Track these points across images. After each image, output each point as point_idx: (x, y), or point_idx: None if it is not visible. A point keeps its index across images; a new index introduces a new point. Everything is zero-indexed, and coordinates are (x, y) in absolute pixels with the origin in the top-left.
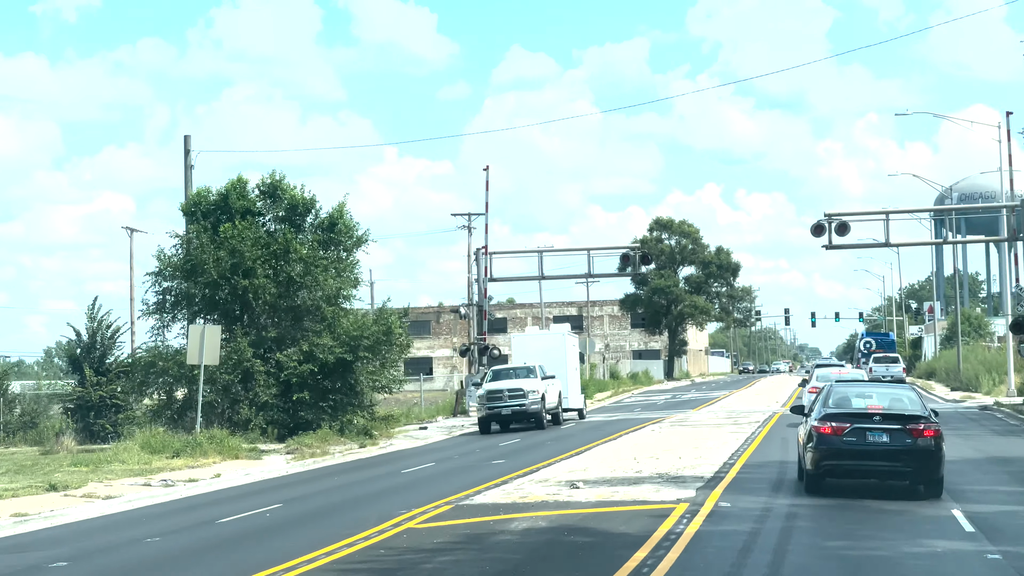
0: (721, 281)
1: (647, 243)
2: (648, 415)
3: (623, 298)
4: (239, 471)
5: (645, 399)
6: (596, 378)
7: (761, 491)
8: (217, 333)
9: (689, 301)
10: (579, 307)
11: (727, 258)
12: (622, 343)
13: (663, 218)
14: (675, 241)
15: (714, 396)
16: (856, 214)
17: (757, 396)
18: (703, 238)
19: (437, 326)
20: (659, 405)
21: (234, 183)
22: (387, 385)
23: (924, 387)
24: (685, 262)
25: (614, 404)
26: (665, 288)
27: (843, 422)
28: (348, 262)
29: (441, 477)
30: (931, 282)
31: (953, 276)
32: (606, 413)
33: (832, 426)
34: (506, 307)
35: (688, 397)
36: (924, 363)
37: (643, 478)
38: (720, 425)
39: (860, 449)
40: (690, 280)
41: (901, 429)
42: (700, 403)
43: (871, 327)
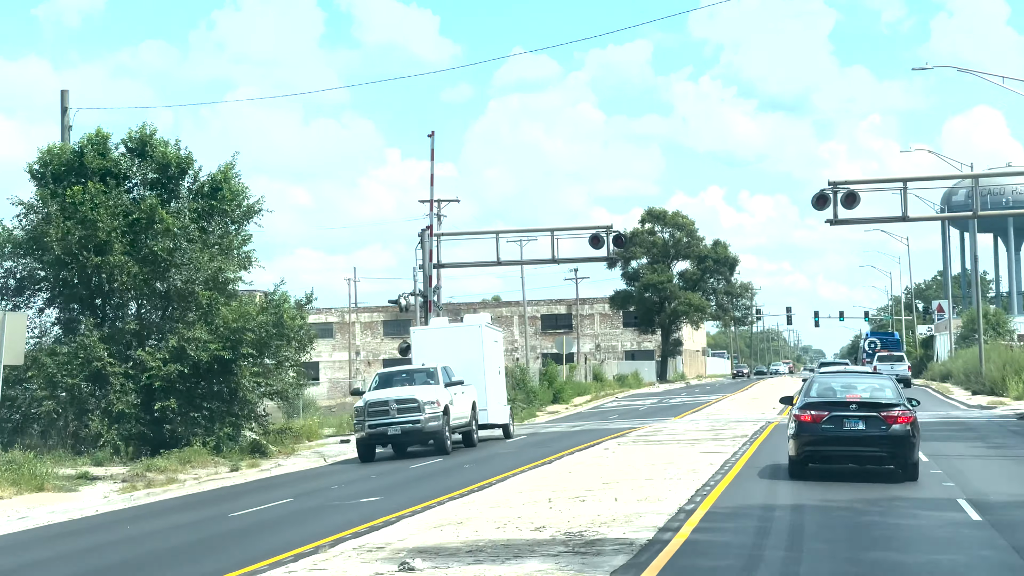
0: (718, 277)
1: (638, 235)
2: (619, 425)
3: (613, 295)
4: (31, 509)
5: (628, 404)
6: (576, 380)
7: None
8: (21, 322)
9: (683, 298)
10: (568, 305)
11: (724, 252)
12: (614, 343)
13: (655, 209)
14: (668, 234)
15: (704, 401)
16: (867, 182)
17: (752, 401)
18: (698, 230)
19: None
20: (640, 411)
21: (91, 137)
22: (283, 391)
23: (940, 390)
24: (679, 256)
25: (592, 410)
26: (657, 284)
27: (822, 410)
28: (235, 236)
29: (264, 529)
30: (938, 282)
31: (961, 275)
32: (572, 422)
33: (812, 414)
34: (491, 305)
35: (675, 402)
36: (937, 364)
37: (537, 544)
38: (697, 441)
39: (838, 435)
40: (685, 276)
41: (876, 416)
42: (685, 409)
43: (876, 327)
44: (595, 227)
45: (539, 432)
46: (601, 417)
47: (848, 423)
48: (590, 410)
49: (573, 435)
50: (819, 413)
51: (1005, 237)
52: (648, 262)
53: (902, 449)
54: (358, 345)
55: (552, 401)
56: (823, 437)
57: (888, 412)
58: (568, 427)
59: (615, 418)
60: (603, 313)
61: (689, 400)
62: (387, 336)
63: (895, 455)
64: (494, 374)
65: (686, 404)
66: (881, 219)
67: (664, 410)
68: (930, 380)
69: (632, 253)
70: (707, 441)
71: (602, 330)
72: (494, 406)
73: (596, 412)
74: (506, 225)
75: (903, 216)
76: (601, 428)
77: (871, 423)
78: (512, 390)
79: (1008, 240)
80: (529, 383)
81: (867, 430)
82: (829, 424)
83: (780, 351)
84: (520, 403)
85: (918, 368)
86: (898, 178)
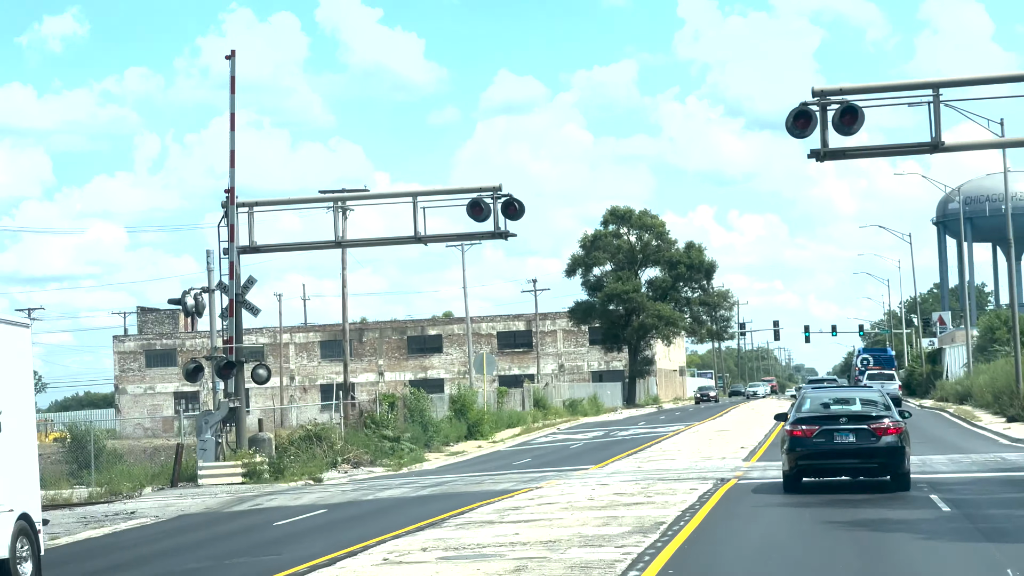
0: (692, 285)
1: (600, 238)
2: (504, 483)
3: (572, 307)
4: None
5: (564, 439)
6: (510, 408)
7: None
8: None
9: (652, 310)
10: (528, 321)
11: (699, 256)
12: (579, 363)
13: (619, 208)
14: (635, 236)
15: (658, 434)
16: (874, 90)
17: (716, 436)
18: (669, 232)
19: (360, 346)
20: (570, 451)
21: None
22: None
23: (963, 415)
24: (648, 262)
25: (513, 448)
26: (623, 294)
27: (812, 425)
28: None
29: None
30: (934, 295)
31: (959, 287)
32: (444, 476)
33: (803, 429)
34: (441, 322)
35: (624, 435)
36: (950, 382)
37: None
38: (583, 527)
39: (829, 449)
40: (654, 284)
41: (866, 429)
42: (626, 448)
43: (871, 343)
44: (475, 189)
45: (285, 511)
46: (503, 463)
47: (839, 436)
48: (511, 448)
49: (351, 522)
50: (810, 427)
51: (1005, 245)
52: (612, 269)
53: (893, 460)
54: (292, 369)
55: (466, 436)
56: (815, 451)
57: (878, 424)
58: (407, 491)
59: (523, 464)
60: (567, 329)
61: (642, 433)
62: (325, 359)
63: (886, 466)
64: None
65: (634, 439)
66: (894, 148)
67: (601, 448)
68: (942, 402)
69: (594, 258)
70: (609, 527)
71: (566, 348)
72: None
73: (513, 452)
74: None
75: (934, 143)
76: (461, 492)
77: (861, 435)
78: (402, 424)
79: (1008, 249)
80: (427, 412)
81: (858, 442)
82: (820, 438)
83: (771, 370)
84: (406, 443)
85: (925, 387)
86: (926, 83)
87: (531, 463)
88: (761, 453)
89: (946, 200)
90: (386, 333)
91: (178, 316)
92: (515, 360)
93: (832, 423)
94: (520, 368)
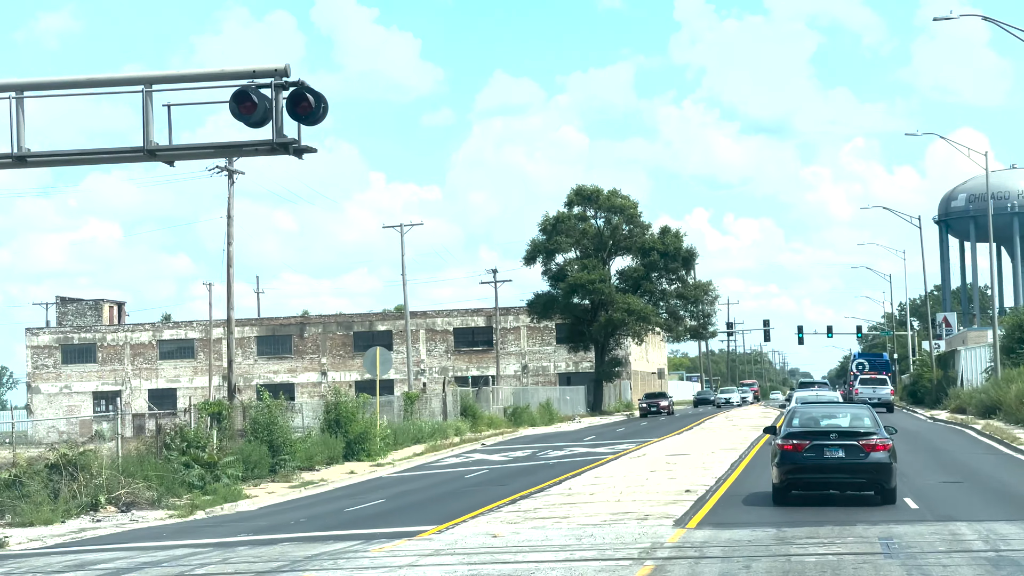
0: (669, 276)
1: (563, 221)
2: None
3: (531, 300)
4: None
5: (478, 459)
6: (427, 419)
7: None
8: None
9: (622, 303)
10: (488, 316)
11: (676, 243)
12: (544, 363)
13: (585, 187)
14: (603, 220)
15: (593, 459)
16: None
17: (664, 464)
18: (642, 215)
19: (301, 343)
20: (458, 483)
21: None
22: None
23: (996, 435)
24: (618, 249)
25: (401, 473)
26: (588, 285)
27: (803, 439)
28: None
29: None
30: (934, 297)
31: (961, 289)
32: (178, 542)
33: (794, 443)
34: (391, 316)
35: (552, 458)
36: (966, 391)
37: None
38: None
39: (819, 463)
40: (625, 274)
41: (855, 444)
42: (530, 484)
43: (868, 347)
44: (246, 73)
45: None
46: (342, 504)
47: (828, 451)
48: (397, 474)
49: None
50: (800, 442)
51: (1010, 246)
52: (577, 256)
53: (881, 476)
54: (225, 367)
55: (345, 456)
56: (804, 465)
57: (866, 440)
58: None
59: (363, 509)
60: (532, 326)
61: (577, 455)
62: (262, 355)
63: (874, 482)
64: None
65: (560, 465)
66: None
67: (501, 481)
68: (960, 414)
69: (556, 244)
70: None
71: (530, 347)
72: None
73: (396, 480)
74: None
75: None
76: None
77: (850, 451)
78: (234, 444)
79: (1014, 249)
80: (278, 425)
81: (847, 458)
82: (810, 453)
83: (764, 374)
84: (229, 470)
85: (935, 395)
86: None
87: (382, 507)
88: (713, 504)
89: (948, 198)
90: (330, 328)
91: (101, 307)
92: (474, 360)
93: (822, 438)
94: (479, 368)
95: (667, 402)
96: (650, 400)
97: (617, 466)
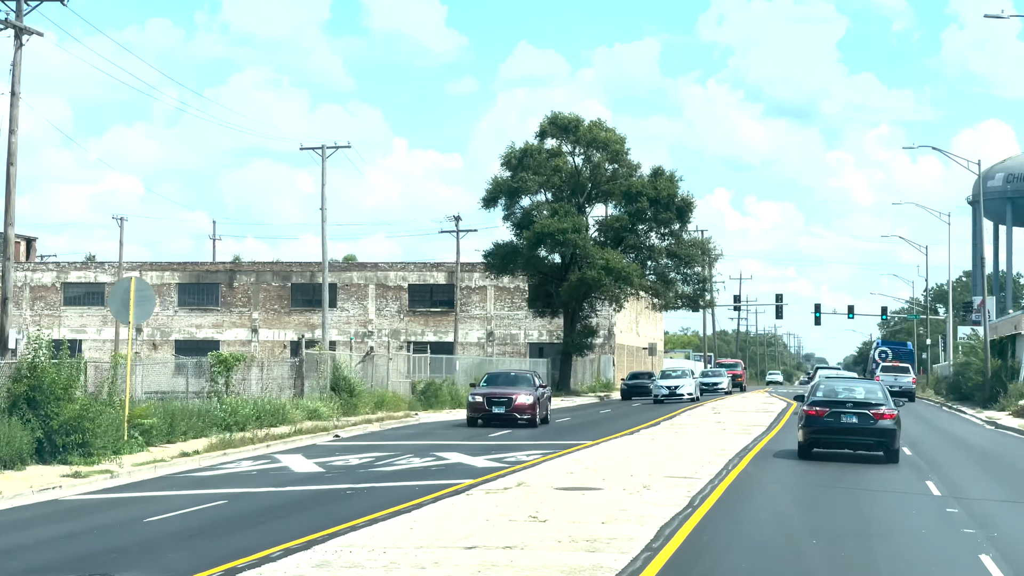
0: (659, 229)
1: (532, 155)
2: None
3: (489, 252)
4: None
5: (266, 470)
6: (268, 397)
7: None
8: None
9: (599, 258)
10: (449, 272)
11: (670, 189)
12: (514, 331)
13: (562, 116)
14: (582, 158)
15: (463, 479)
16: None
17: (560, 505)
18: (629, 152)
19: (229, 293)
20: (108, 543)
21: None
22: None
23: None
24: (599, 194)
25: (140, 487)
26: (559, 235)
27: (824, 407)
28: None
29: None
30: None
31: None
32: None
33: (817, 409)
34: (337, 268)
35: (389, 470)
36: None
37: None
38: None
39: (836, 427)
40: (605, 225)
41: (867, 413)
42: (288, 538)
43: (889, 334)
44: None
45: None
46: None
47: (845, 417)
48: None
49: None
50: (822, 409)
51: None
52: (548, 200)
53: (887, 438)
54: None
55: (38, 455)
56: (824, 427)
57: (876, 410)
58: None
59: None
60: (501, 286)
61: (454, 465)
62: (184, 306)
63: (881, 443)
64: None
65: (393, 491)
66: None
67: (235, 525)
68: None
69: (522, 182)
70: None
71: (498, 310)
72: None
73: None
74: None
75: None
76: None
77: (863, 418)
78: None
79: None
80: None
81: (859, 423)
82: (830, 418)
83: (778, 358)
84: None
85: (990, 392)
86: None
87: None
88: None
89: (984, 176)
90: (264, 278)
91: None
92: (432, 323)
93: (840, 407)
94: (438, 334)
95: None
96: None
97: (463, 506)
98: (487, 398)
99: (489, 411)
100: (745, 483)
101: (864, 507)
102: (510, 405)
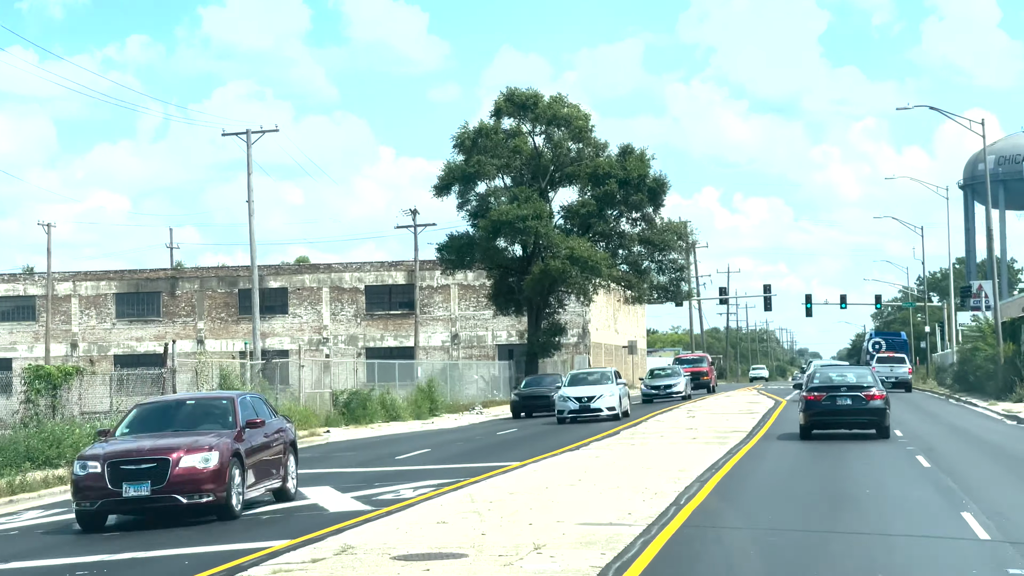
0: (630, 213)
1: (488, 136)
2: None
3: (442, 245)
4: None
5: None
6: None
7: None
8: None
9: (564, 247)
10: (409, 271)
11: (641, 169)
12: (480, 332)
13: (520, 92)
14: (543, 136)
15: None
16: None
17: None
18: (594, 130)
19: (172, 302)
20: None
21: None
22: None
23: None
24: (562, 177)
25: None
26: (519, 223)
27: (821, 392)
28: None
29: None
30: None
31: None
32: None
33: (815, 395)
34: (287, 271)
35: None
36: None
37: None
38: None
39: (833, 408)
40: (571, 211)
41: (859, 395)
42: None
43: (883, 325)
44: None
45: None
46: None
47: (840, 400)
48: None
49: None
50: (819, 394)
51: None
52: (508, 185)
53: (878, 418)
54: (75, 333)
55: None
56: (822, 410)
57: (868, 391)
58: None
59: None
60: (465, 285)
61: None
62: (123, 317)
63: (872, 422)
64: None
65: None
66: None
67: None
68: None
69: (477, 166)
70: None
71: (463, 311)
72: None
73: None
74: None
75: None
76: None
77: (856, 400)
78: None
79: None
80: None
81: (853, 405)
82: (827, 401)
83: (771, 352)
84: None
85: (1004, 381)
86: None
87: None
88: None
89: (975, 160)
90: (209, 284)
91: None
92: (392, 327)
93: (835, 391)
94: (399, 338)
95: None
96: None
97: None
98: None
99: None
100: (699, 532)
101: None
102: None
